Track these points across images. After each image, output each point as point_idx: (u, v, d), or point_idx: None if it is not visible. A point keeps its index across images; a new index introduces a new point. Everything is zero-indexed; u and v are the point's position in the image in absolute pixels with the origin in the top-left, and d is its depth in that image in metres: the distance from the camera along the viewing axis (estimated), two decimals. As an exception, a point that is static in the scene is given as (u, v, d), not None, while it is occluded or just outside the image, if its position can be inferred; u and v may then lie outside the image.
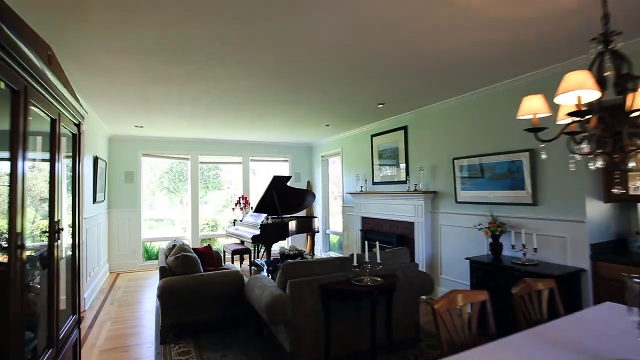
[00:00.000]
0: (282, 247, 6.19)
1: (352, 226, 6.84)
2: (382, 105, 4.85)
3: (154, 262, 7.26)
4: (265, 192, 6.23)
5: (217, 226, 8.75)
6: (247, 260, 7.03)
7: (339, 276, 3.09)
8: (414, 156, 5.38)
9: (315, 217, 7.14)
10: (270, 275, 4.99)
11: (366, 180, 6.42)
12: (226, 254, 6.79)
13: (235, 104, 4.66)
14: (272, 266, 5.30)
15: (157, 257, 7.36)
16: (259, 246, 7.13)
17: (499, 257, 3.73)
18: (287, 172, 8.47)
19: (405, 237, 5.31)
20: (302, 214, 7.78)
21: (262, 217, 6.17)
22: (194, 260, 3.80)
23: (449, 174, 4.64)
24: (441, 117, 4.84)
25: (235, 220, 7.23)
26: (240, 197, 7.65)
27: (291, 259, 4.38)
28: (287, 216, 6.71)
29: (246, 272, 6.29)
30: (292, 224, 6.30)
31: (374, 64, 3.28)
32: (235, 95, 4.22)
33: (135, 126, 6.05)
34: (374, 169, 6.34)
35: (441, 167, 4.83)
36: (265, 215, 6.28)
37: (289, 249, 5.95)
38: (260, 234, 5.86)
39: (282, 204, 6.35)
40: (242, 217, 7.15)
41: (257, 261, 6.41)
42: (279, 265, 3.17)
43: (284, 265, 3.09)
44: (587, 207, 3.20)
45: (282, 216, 6.45)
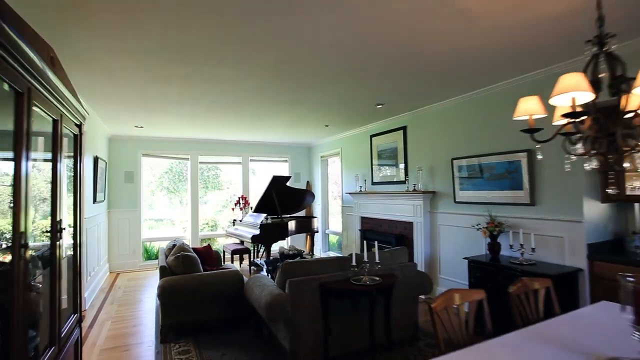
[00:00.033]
0: (282, 247, 6.21)
1: (352, 226, 6.86)
2: (380, 105, 4.88)
3: (153, 262, 7.28)
4: (264, 192, 6.24)
5: (217, 226, 8.76)
6: (246, 260, 7.04)
7: (338, 275, 3.11)
8: (413, 156, 5.40)
9: (314, 217, 7.16)
10: (269, 274, 5.01)
11: (365, 180, 6.44)
12: (226, 253, 6.81)
13: (235, 104, 4.68)
14: (271, 266, 5.32)
15: (156, 257, 7.37)
16: (259, 246, 7.14)
17: (497, 257, 3.75)
18: (287, 172, 8.49)
19: (404, 237, 5.33)
20: (302, 214, 7.79)
21: (262, 217, 6.18)
22: (193, 259, 3.82)
23: (448, 174, 4.66)
24: (440, 118, 4.86)
25: (234, 220, 7.25)
26: (239, 197, 7.66)
27: (290, 259, 4.40)
28: (286, 216, 6.73)
29: (246, 272, 6.31)
30: (291, 224, 6.32)
31: (373, 65, 3.30)
32: (235, 95, 4.24)
33: (135, 126, 6.07)
34: (373, 169, 6.35)
35: (440, 167, 4.85)
36: (264, 215, 6.30)
37: (288, 249, 5.97)
38: (259, 233, 5.88)
39: (282, 204, 6.37)
40: (242, 217, 7.16)
41: (257, 261, 6.43)
42: (279, 264, 3.19)
43: (284, 264, 3.11)
44: (585, 207, 3.23)
45: (281, 216, 6.47)
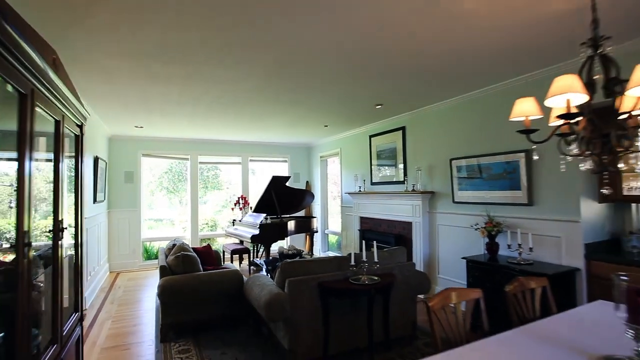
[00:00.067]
0: (281, 247, 6.22)
1: (351, 226, 6.88)
2: (380, 106, 4.90)
3: (153, 262, 7.30)
4: (264, 192, 6.26)
5: (217, 226, 8.78)
6: (246, 259, 7.06)
7: (337, 275, 3.13)
8: (411, 156, 5.43)
9: (314, 217, 7.18)
10: (269, 274, 5.03)
11: (365, 180, 6.46)
12: (225, 253, 6.82)
13: (235, 104, 4.70)
14: (271, 265, 5.34)
15: (156, 257, 7.39)
16: (258, 246, 7.17)
17: (495, 257, 3.78)
18: (286, 173, 8.51)
19: (403, 237, 5.36)
20: (301, 214, 7.81)
21: (261, 217, 6.21)
22: (193, 259, 3.84)
23: (447, 175, 4.69)
24: (438, 118, 4.88)
25: (234, 220, 7.27)
26: (239, 197, 7.68)
27: (290, 259, 4.42)
28: (286, 216, 6.75)
29: (245, 272, 6.33)
30: (291, 224, 6.34)
31: (373, 65, 3.32)
32: (235, 95, 4.26)
33: (135, 126, 6.09)
34: (372, 169, 6.38)
35: (439, 168, 4.87)
36: (264, 215, 6.32)
37: (287, 249, 5.99)
38: (259, 233, 5.90)
39: (281, 204, 6.39)
40: (242, 217, 7.18)
41: (256, 261, 6.45)
42: (278, 264, 3.21)
43: (283, 264, 3.13)
44: (582, 207, 3.25)
45: (281, 216, 6.49)
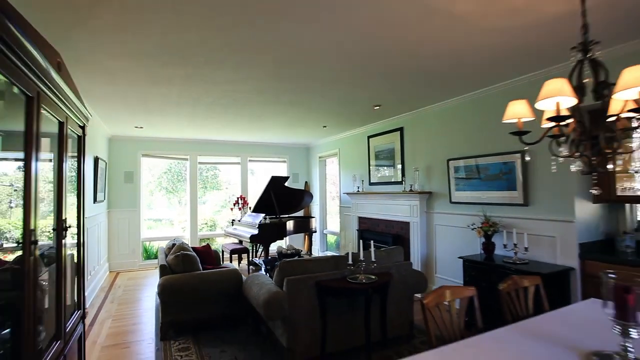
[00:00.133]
0: (280, 247, 6.26)
1: (349, 226, 6.93)
2: (378, 107, 4.94)
3: (153, 262, 7.34)
4: (263, 193, 6.30)
5: (216, 226, 8.82)
6: (245, 259, 7.10)
7: (335, 274, 3.17)
8: (409, 157, 5.48)
9: (312, 217, 7.21)
10: (268, 273, 5.07)
11: (363, 180, 6.51)
12: (225, 253, 6.86)
13: (234, 105, 4.74)
14: (269, 265, 5.37)
15: (156, 257, 7.43)
16: (257, 246, 7.20)
17: (491, 256, 3.82)
18: (285, 173, 8.55)
19: (400, 236, 5.40)
20: (300, 214, 7.85)
21: (260, 217, 6.24)
22: (193, 258, 3.88)
23: (444, 175, 4.73)
24: (436, 119, 4.93)
25: (233, 220, 7.31)
26: (238, 197, 7.72)
27: (288, 258, 4.45)
28: (285, 216, 6.79)
29: (244, 271, 6.36)
30: (289, 224, 6.38)
31: (371, 66, 3.35)
32: (234, 96, 4.30)
33: (135, 127, 6.13)
34: (370, 169, 6.42)
35: (436, 168, 4.92)
36: (263, 215, 6.35)
37: (286, 249, 6.02)
38: (258, 233, 5.94)
39: (280, 204, 6.42)
40: (241, 217, 7.22)
41: (255, 260, 6.48)
42: (277, 264, 3.25)
43: (281, 263, 3.17)
44: (576, 207, 3.30)
45: (280, 216, 6.52)
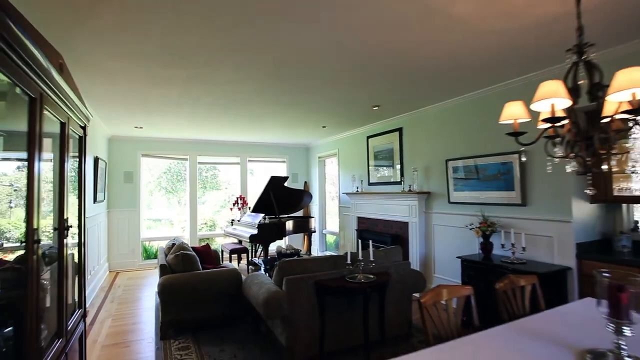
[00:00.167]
0: (279, 247, 6.29)
1: (349, 226, 6.95)
2: (377, 107, 4.97)
3: (152, 262, 7.36)
4: (262, 193, 6.32)
5: (215, 226, 8.84)
6: (244, 259, 7.12)
7: (334, 273, 3.20)
8: (408, 157, 5.50)
9: (312, 217, 7.23)
10: (267, 273, 5.09)
11: (362, 180, 6.53)
12: (224, 253, 6.88)
13: (234, 106, 4.76)
14: (269, 264, 5.40)
15: (155, 257, 7.45)
16: (257, 246, 7.22)
17: (489, 256, 3.85)
18: (285, 173, 8.58)
19: (399, 236, 5.43)
20: (299, 214, 7.88)
21: (260, 217, 6.26)
22: (193, 258, 3.90)
23: (442, 175, 4.76)
24: (435, 120, 4.96)
25: (233, 220, 7.32)
26: (238, 197, 7.73)
27: (288, 258, 4.47)
28: (284, 216, 6.81)
29: (244, 271, 6.38)
30: (289, 223, 6.40)
31: (371, 66, 3.36)
32: (234, 97, 4.31)
33: (134, 127, 6.15)
34: (369, 169, 6.45)
35: (435, 168, 4.94)
36: (262, 215, 6.37)
37: (285, 248, 6.05)
38: (257, 233, 5.96)
39: (280, 204, 6.44)
40: (240, 217, 7.24)
41: (255, 260, 6.51)
42: (276, 263, 3.27)
43: (281, 262, 3.19)
44: (574, 207, 3.33)
45: (279, 216, 6.54)
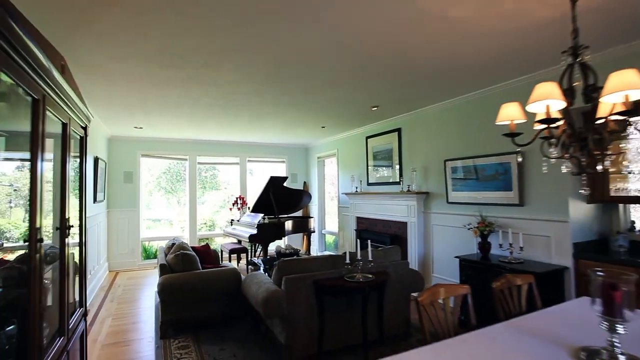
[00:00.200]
0: (279, 247, 6.31)
1: (348, 226, 6.97)
2: (375, 108, 4.99)
3: (152, 261, 7.37)
4: (262, 193, 6.34)
5: (215, 226, 8.86)
6: (244, 259, 7.13)
7: (332, 273, 3.22)
8: (407, 158, 5.52)
9: (311, 217, 7.25)
10: (266, 272, 5.11)
11: (361, 181, 6.55)
12: (224, 253, 6.90)
13: (233, 106, 4.78)
14: (268, 264, 5.42)
15: (155, 257, 7.46)
16: (256, 245, 7.23)
17: (487, 256, 3.87)
18: (284, 173, 8.60)
19: (398, 236, 5.45)
20: (299, 214, 7.90)
21: (259, 217, 6.28)
22: (192, 257, 3.92)
23: (441, 175, 4.78)
24: (433, 120, 4.98)
25: (232, 220, 7.34)
26: (237, 198, 7.76)
27: (287, 258, 4.49)
28: (283, 216, 6.83)
29: (243, 271, 6.40)
30: (288, 223, 6.42)
31: (370, 67, 3.38)
32: (233, 97, 4.33)
33: (134, 127, 6.16)
34: (368, 170, 6.47)
35: (433, 169, 4.97)
36: (262, 215, 6.39)
37: (285, 248, 6.07)
38: (257, 233, 5.97)
39: (279, 204, 6.46)
40: (240, 217, 7.26)
41: (254, 260, 6.53)
42: (275, 263, 3.29)
43: (280, 262, 3.21)
44: (571, 207, 3.35)
45: (278, 216, 6.56)
